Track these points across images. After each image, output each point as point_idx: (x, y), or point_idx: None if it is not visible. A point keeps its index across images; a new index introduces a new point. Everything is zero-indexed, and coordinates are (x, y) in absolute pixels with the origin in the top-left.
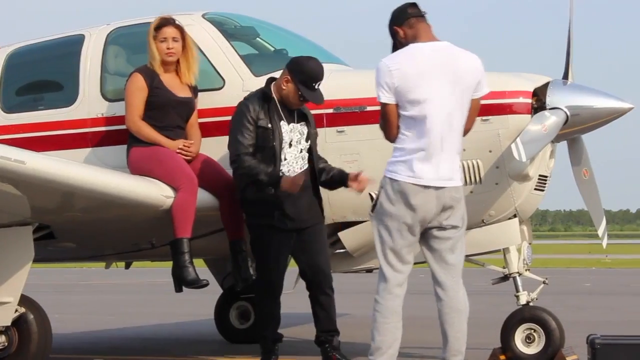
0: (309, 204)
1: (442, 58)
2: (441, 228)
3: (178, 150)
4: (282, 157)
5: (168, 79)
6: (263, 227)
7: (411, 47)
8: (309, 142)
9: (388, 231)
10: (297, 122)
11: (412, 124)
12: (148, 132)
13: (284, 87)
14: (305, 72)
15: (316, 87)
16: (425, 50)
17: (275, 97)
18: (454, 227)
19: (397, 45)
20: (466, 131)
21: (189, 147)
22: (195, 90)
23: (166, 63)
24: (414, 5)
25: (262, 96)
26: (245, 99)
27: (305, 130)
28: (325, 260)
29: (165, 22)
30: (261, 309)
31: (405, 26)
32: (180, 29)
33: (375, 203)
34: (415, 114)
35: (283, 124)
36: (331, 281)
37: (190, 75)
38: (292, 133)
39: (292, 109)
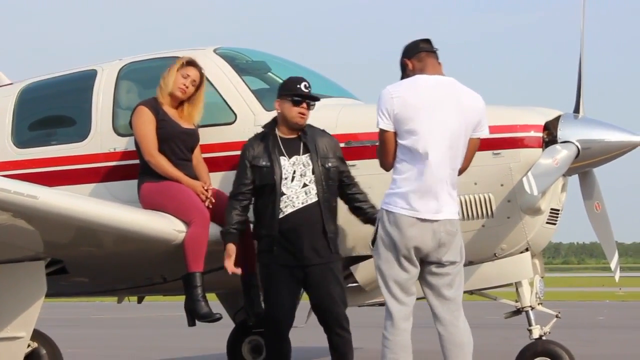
0: (314, 241)
1: (445, 92)
2: (439, 265)
3: (198, 193)
4: (281, 192)
5: (172, 112)
6: (269, 263)
7: (416, 78)
8: (315, 175)
9: (389, 263)
10: (302, 154)
11: (409, 154)
12: (169, 168)
13: (278, 110)
14: (285, 83)
15: (305, 89)
16: (429, 82)
17: (277, 133)
18: (452, 262)
19: (405, 77)
20: (462, 170)
21: (207, 192)
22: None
23: (173, 97)
24: (427, 41)
25: (262, 135)
26: (249, 139)
27: (310, 162)
28: (334, 300)
29: (195, 63)
30: (268, 345)
31: (414, 59)
32: (202, 77)
33: (374, 237)
34: (411, 144)
35: (283, 159)
36: (343, 320)
37: (191, 120)
38: (294, 166)
39: (296, 142)
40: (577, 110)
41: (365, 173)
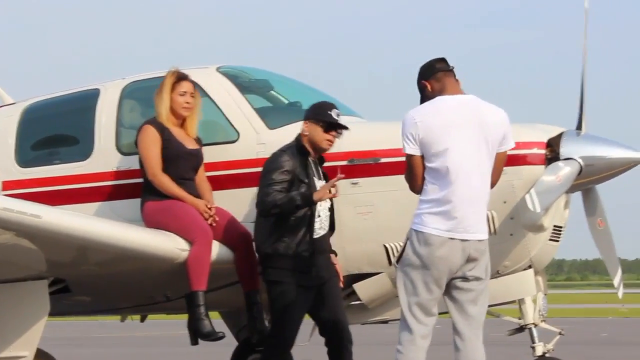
0: (326, 259)
1: (468, 111)
2: (464, 279)
3: (201, 212)
4: (317, 214)
5: (176, 132)
6: (287, 283)
7: (437, 100)
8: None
9: (413, 284)
10: (320, 180)
11: (437, 175)
12: (172, 187)
13: (306, 133)
14: (317, 106)
15: (336, 117)
16: (451, 103)
17: (310, 152)
18: (477, 278)
19: (425, 99)
20: (492, 184)
21: (210, 210)
22: (200, 142)
23: (177, 116)
24: (442, 60)
25: (299, 150)
26: (282, 150)
27: None
28: (344, 315)
29: (184, 76)
30: None
31: (432, 80)
32: (194, 85)
33: (401, 254)
34: (439, 166)
35: (316, 180)
36: (350, 335)
37: (193, 131)
38: None
39: (317, 166)
40: (579, 127)
41: (369, 191)
